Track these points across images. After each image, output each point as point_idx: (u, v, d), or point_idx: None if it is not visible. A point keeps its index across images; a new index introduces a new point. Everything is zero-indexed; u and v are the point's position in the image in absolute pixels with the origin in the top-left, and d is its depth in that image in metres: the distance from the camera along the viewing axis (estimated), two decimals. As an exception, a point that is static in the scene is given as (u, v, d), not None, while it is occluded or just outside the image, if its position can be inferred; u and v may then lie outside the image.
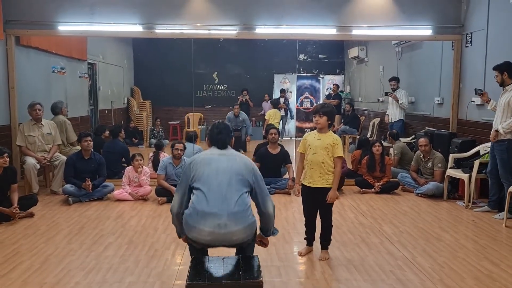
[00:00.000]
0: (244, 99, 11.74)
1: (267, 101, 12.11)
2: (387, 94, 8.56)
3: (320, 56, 13.24)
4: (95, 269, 3.64)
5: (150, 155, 7.08)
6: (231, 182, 2.71)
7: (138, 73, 12.74)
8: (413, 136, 8.03)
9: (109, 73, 10.94)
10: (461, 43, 6.84)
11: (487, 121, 5.98)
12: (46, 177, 6.62)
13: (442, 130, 7.00)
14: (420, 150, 6.38)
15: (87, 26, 6.62)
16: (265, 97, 12.39)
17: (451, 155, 6.15)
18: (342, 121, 11.06)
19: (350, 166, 7.22)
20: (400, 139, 7.58)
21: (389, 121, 8.57)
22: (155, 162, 6.65)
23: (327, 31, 6.94)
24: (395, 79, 8.56)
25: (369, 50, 11.35)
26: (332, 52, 13.24)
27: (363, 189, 6.45)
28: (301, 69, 13.17)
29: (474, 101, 6.44)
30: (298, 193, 3.97)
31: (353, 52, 11.67)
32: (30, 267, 3.67)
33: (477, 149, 5.95)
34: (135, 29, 6.74)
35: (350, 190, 6.53)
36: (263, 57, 12.53)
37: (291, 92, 12.97)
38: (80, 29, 6.69)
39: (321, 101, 11.80)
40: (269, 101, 11.86)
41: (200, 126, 11.73)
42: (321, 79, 13.21)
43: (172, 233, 4.45)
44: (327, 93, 12.59)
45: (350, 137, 10.46)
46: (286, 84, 13.08)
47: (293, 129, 12.71)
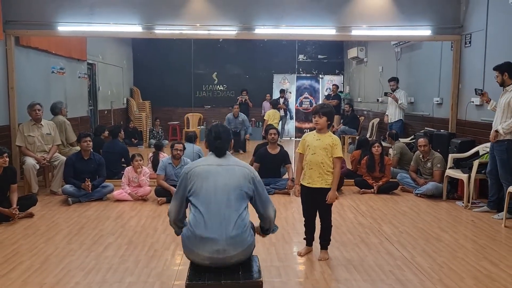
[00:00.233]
0: (244, 100, 11.75)
1: (268, 101, 12.11)
2: (387, 95, 8.57)
3: (319, 57, 13.24)
4: (95, 269, 3.64)
5: (150, 155, 7.09)
6: (229, 201, 2.65)
7: (137, 73, 12.73)
8: (412, 136, 8.04)
9: (108, 73, 10.94)
10: (460, 43, 6.85)
11: (486, 122, 5.99)
12: (46, 178, 6.62)
13: (442, 130, 7.00)
14: (420, 150, 6.38)
15: (86, 27, 6.63)
16: (267, 96, 12.38)
17: (450, 155, 6.16)
18: (342, 121, 11.06)
19: (349, 167, 7.23)
20: (399, 139, 7.59)
21: (388, 121, 8.57)
22: (155, 163, 6.66)
23: (326, 31, 6.95)
24: (394, 80, 8.57)
25: (368, 50, 11.36)
26: (331, 53, 13.24)
27: (363, 189, 6.46)
28: (301, 69, 13.17)
29: (473, 102, 6.44)
30: (298, 193, 3.98)
31: (352, 52, 11.67)
32: (30, 267, 3.68)
33: (476, 149, 5.96)
34: (135, 29, 6.74)
35: (350, 190, 6.54)
36: (262, 57, 12.53)
37: (290, 93, 12.97)
38: (80, 29, 6.70)
39: (320, 102, 11.80)
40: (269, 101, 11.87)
41: (199, 127, 11.73)
42: (320, 79, 13.21)
43: (172, 233, 4.46)
44: (326, 93, 12.60)
45: (349, 137, 10.47)
46: (286, 85, 13.07)
47: (292, 129, 12.71)
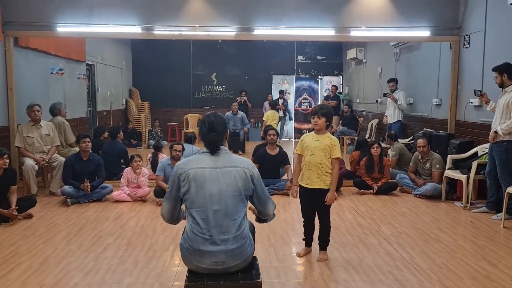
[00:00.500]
0: (243, 100, 11.75)
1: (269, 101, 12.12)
2: (386, 95, 8.58)
3: (318, 58, 13.25)
4: (94, 270, 3.64)
5: (149, 156, 7.09)
6: (227, 211, 2.54)
7: (136, 74, 12.72)
8: (411, 137, 8.04)
9: (107, 74, 10.93)
10: (459, 44, 6.87)
11: (485, 122, 6.00)
12: (45, 178, 6.61)
13: (440, 131, 7.01)
14: (418, 151, 6.39)
15: (85, 28, 6.62)
16: (268, 97, 12.36)
17: (449, 156, 6.17)
18: (341, 122, 11.07)
19: (348, 167, 7.23)
20: (398, 140, 7.59)
21: (387, 122, 8.58)
22: (154, 163, 6.66)
23: (325, 32, 6.96)
24: (393, 81, 8.58)
25: (367, 51, 11.37)
26: (330, 54, 13.24)
27: (362, 190, 6.46)
28: (300, 70, 13.18)
29: (472, 102, 6.45)
30: (296, 194, 3.98)
31: (351, 53, 11.68)
32: (29, 268, 3.67)
33: (475, 150, 5.96)
34: (134, 30, 6.74)
35: (349, 191, 6.54)
36: (261, 58, 12.53)
37: (289, 93, 12.99)
38: (79, 30, 6.70)
39: (319, 103, 11.81)
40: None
41: (198, 127, 11.71)
42: (319, 80, 13.22)
43: (171, 234, 4.48)
44: (325, 94, 12.61)
45: (348, 138, 10.47)
46: (285, 85, 13.08)
47: (291, 130, 12.72)
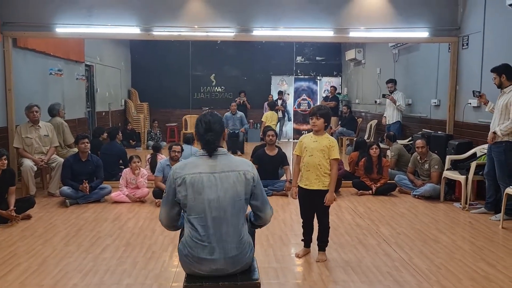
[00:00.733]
0: (242, 101, 11.76)
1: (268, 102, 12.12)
2: (385, 96, 8.59)
3: (317, 58, 13.28)
4: (92, 271, 3.63)
5: (148, 157, 7.09)
6: (226, 218, 2.49)
7: (135, 75, 12.73)
8: (410, 138, 8.05)
9: (106, 75, 10.93)
10: (458, 45, 6.87)
11: (484, 123, 6.00)
12: (43, 179, 6.60)
13: (439, 132, 7.02)
14: (417, 151, 6.39)
15: (84, 28, 6.63)
16: (269, 97, 12.37)
17: (447, 156, 6.17)
18: (340, 123, 11.09)
19: (347, 168, 7.23)
20: (397, 141, 7.60)
21: (386, 122, 8.59)
22: (153, 164, 6.65)
23: (324, 33, 6.96)
24: (392, 81, 8.59)
25: (366, 52, 11.39)
26: (329, 54, 13.27)
27: (361, 191, 6.46)
28: (299, 71, 13.20)
29: (470, 103, 6.46)
30: (295, 195, 3.98)
31: (350, 54, 11.70)
32: (28, 269, 3.67)
33: (473, 151, 5.97)
34: (133, 31, 6.75)
35: (348, 192, 6.54)
36: (260, 59, 12.56)
37: (288, 94, 13.00)
38: (78, 31, 6.70)
39: (318, 103, 11.82)
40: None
41: (194, 127, 11.71)
42: (318, 81, 13.24)
43: (170, 235, 4.47)
44: (324, 95, 12.63)
45: (347, 139, 10.48)
46: (284, 86, 13.10)
47: (290, 131, 12.74)
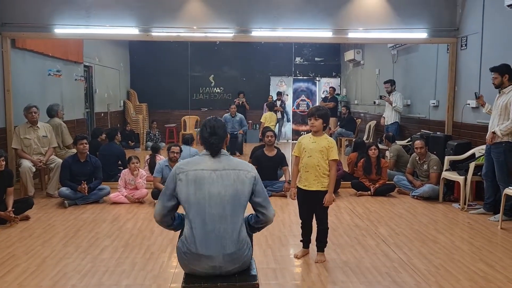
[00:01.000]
0: (241, 102, 11.75)
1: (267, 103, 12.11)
2: (382, 97, 8.59)
3: (316, 59, 13.26)
4: (91, 272, 3.63)
5: (147, 158, 7.09)
6: (225, 215, 2.49)
7: (134, 76, 12.70)
8: (409, 139, 8.05)
9: (105, 76, 10.91)
10: (456, 46, 6.89)
11: (482, 124, 6.01)
12: (42, 180, 6.60)
13: (438, 133, 7.02)
14: (416, 152, 6.40)
15: (83, 29, 6.63)
16: (269, 98, 12.35)
17: (446, 157, 6.18)
18: (338, 123, 11.09)
19: (346, 169, 7.23)
20: (396, 141, 7.60)
21: (384, 123, 8.59)
22: (152, 165, 6.65)
23: (323, 34, 6.97)
24: (389, 82, 8.57)
25: (365, 53, 11.39)
26: (328, 55, 13.26)
27: (359, 192, 6.47)
28: (298, 72, 13.19)
29: (469, 104, 6.46)
30: (294, 196, 3.98)
31: (349, 55, 11.69)
32: (26, 270, 3.66)
33: (472, 151, 5.98)
34: (132, 32, 6.75)
35: (346, 193, 6.55)
36: (259, 60, 12.53)
37: (287, 95, 12.99)
38: (76, 31, 6.70)
39: (317, 104, 11.81)
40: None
41: (196, 129, 11.69)
42: (317, 82, 13.23)
43: (168, 235, 4.47)
44: (323, 96, 12.62)
45: (346, 139, 10.48)
46: (283, 87, 13.09)
47: (289, 131, 12.72)
